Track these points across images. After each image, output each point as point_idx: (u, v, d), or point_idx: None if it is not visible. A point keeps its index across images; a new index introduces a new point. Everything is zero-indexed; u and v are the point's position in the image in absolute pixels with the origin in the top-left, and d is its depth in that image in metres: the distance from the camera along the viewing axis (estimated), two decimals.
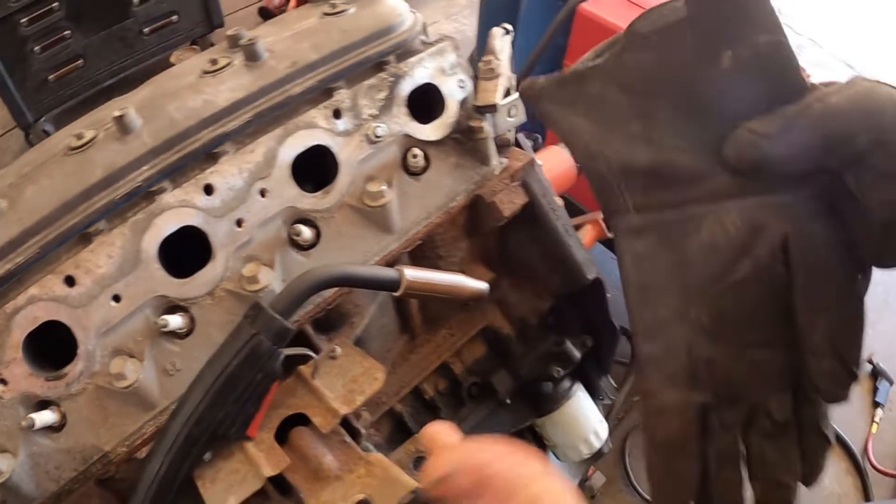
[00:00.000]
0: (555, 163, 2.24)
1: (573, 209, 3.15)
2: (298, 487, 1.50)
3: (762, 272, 0.99)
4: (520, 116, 1.84)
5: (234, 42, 1.67)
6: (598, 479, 2.38)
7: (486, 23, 3.79)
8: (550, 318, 2.03)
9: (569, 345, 1.98)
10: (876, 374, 4.17)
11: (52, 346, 1.48)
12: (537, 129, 3.45)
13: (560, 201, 1.92)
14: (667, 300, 1.03)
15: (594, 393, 2.16)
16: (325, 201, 1.62)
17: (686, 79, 1.03)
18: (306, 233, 1.59)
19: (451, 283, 1.63)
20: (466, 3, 6.78)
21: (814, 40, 5.87)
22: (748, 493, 1.12)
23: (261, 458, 1.47)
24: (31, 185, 1.51)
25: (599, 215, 2.20)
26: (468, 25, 7.12)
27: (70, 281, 1.46)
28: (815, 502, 3.44)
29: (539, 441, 2.18)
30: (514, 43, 1.91)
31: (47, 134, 4.83)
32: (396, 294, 1.56)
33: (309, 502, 1.48)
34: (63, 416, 1.45)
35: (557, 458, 2.21)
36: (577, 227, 2.09)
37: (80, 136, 1.53)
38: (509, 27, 1.92)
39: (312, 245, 1.62)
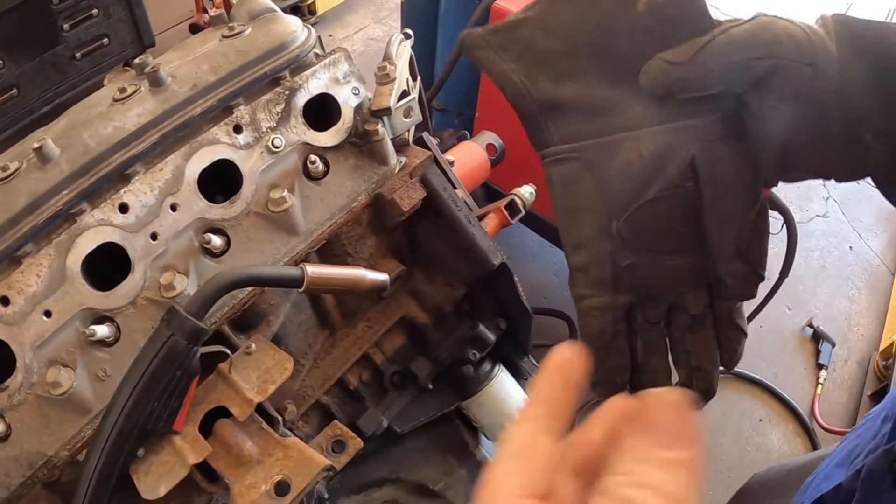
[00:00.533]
0: (469, 156, 2.46)
1: (495, 195, 3.36)
2: (223, 473, 1.73)
3: (673, 189, 1.10)
4: (415, 117, 2.06)
5: (140, 69, 1.87)
6: None
7: (409, 25, 4.03)
8: (465, 304, 2.27)
9: (482, 328, 2.20)
10: (817, 337, 4.47)
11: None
12: (465, 126, 3.67)
13: (462, 194, 2.12)
14: (590, 218, 1.13)
15: (517, 374, 2.36)
16: (231, 210, 1.83)
17: (608, 23, 1.13)
18: (216, 241, 1.80)
19: (351, 276, 1.84)
20: (396, 7, 7.01)
21: (717, 8, 6.09)
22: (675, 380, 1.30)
23: (186, 448, 1.69)
24: None
25: (504, 202, 2.39)
26: (398, 28, 7.39)
27: (5, 301, 1.68)
28: (764, 465, 3.63)
29: (468, 423, 2.38)
30: (432, 44, 2.09)
31: None
32: (301, 290, 1.77)
33: (234, 486, 1.70)
34: (8, 427, 1.67)
35: (487, 438, 2.43)
36: (481, 218, 2.29)
37: (4, 168, 1.75)
38: (409, 32, 2.12)
39: (224, 252, 1.84)
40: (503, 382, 2.35)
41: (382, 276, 1.96)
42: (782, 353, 4.34)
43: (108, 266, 1.80)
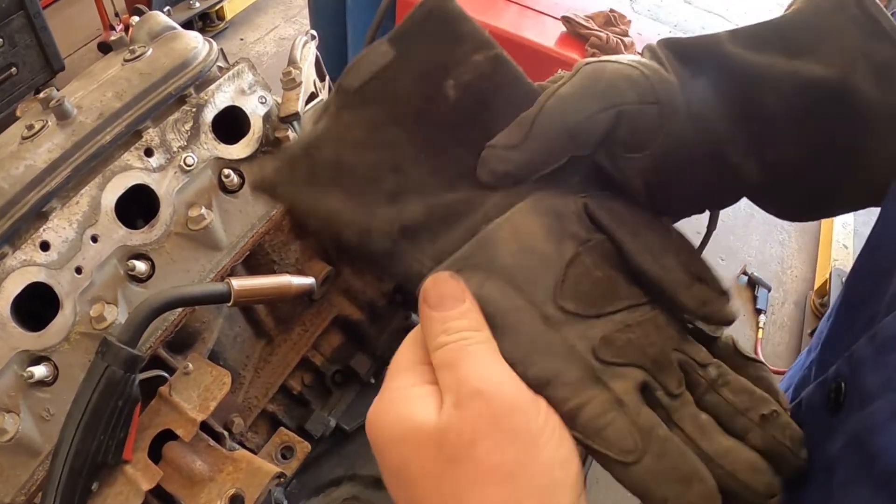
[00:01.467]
0: None
1: None
2: (177, 495, 1.81)
3: (586, 244, 0.97)
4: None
5: (45, 104, 1.93)
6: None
7: (317, 23, 4.07)
8: (398, 295, 2.34)
9: (415, 318, 2.27)
10: (753, 283, 4.70)
11: None
12: None
13: None
14: (525, 317, 0.93)
15: None
16: (152, 234, 1.92)
17: (418, 120, 1.03)
18: (140, 266, 1.88)
19: (277, 284, 1.93)
20: (304, 5, 7.07)
21: None
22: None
23: (138, 476, 1.77)
24: None
25: None
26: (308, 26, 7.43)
27: None
28: None
29: None
30: (343, 38, 2.16)
31: None
32: (230, 305, 1.85)
33: None
34: None
35: None
36: None
37: None
38: (314, 33, 2.20)
39: (149, 276, 1.92)
40: None
41: (308, 281, 2.03)
42: None
43: (36, 305, 1.88)
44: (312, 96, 2.12)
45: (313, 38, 2.23)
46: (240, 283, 1.90)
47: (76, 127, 1.90)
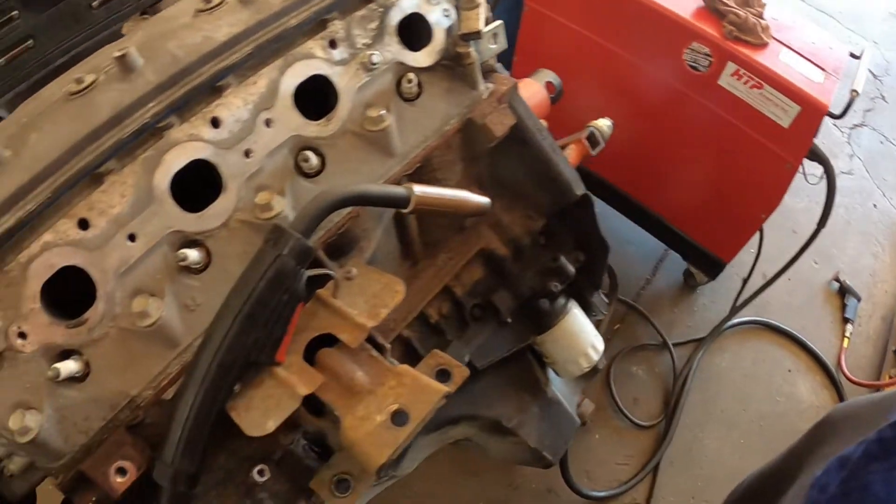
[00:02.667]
0: (530, 94, 2.14)
1: None
2: (333, 405, 1.40)
3: None
4: (501, 43, 1.76)
5: None
6: (587, 405, 2.33)
7: None
8: (541, 237, 1.97)
9: (563, 260, 1.91)
10: (843, 291, 4.01)
11: (66, 297, 1.35)
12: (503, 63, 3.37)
13: (544, 122, 1.85)
14: None
15: (588, 309, 2.10)
16: (328, 128, 1.52)
17: None
18: (313, 159, 1.49)
19: (456, 197, 1.55)
20: None
21: None
22: None
23: (293, 379, 1.36)
24: (34, 132, 1.37)
25: (583, 134, 2.14)
26: None
27: (84, 224, 1.32)
28: (795, 415, 3.41)
29: (539, 359, 2.12)
30: None
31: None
32: (406, 210, 1.47)
33: (345, 419, 1.38)
34: (87, 365, 1.33)
35: (558, 373, 2.15)
36: (563, 147, 2.03)
37: (79, 81, 1.40)
38: None
39: (318, 172, 1.52)
40: (576, 317, 2.05)
41: (485, 200, 1.61)
42: (810, 305, 3.94)
43: (194, 186, 1.52)
44: (487, 20, 1.78)
45: None
46: (421, 189, 1.50)
47: (261, 5, 1.46)
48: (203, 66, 1.40)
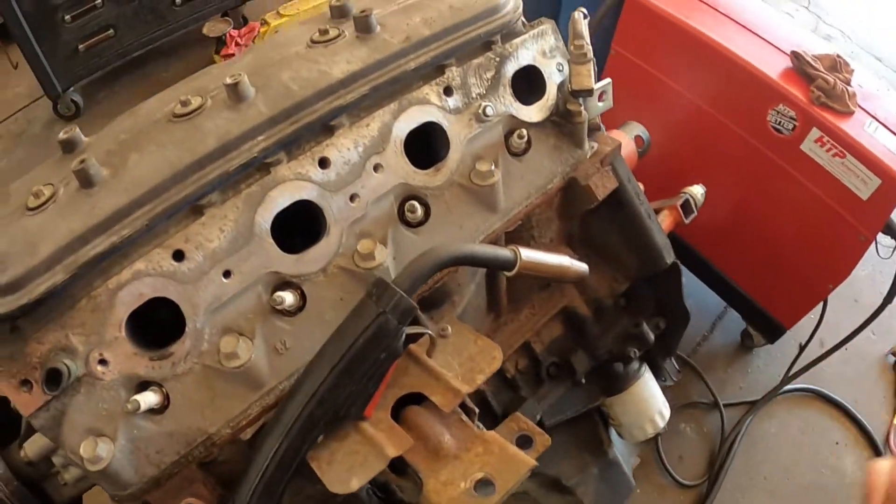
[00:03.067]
0: None
1: None
2: (417, 467, 1.26)
3: None
4: (608, 102, 1.63)
5: (340, 13, 1.44)
6: (633, 459, 2.19)
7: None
8: (622, 299, 1.83)
9: (645, 327, 1.77)
10: None
11: (149, 324, 1.24)
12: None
13: (641, 185, 1.72)
14: None
15: (658, 374, 1.96)
16: (436, 179, 1.38)
17: None
18: (418, 210, 1.35)
19: (559, 264, 1.41)
20: None
21: (843, 32, 5.54)
22: None
23: (382, 438, 1.22)
24: (134, 152, 1.24)
25: (678, 201, 2.00)
26: None
27: (179, 255, 1.20)
28: (838, 489, 3.21)
29: (604, 419, 1.99)
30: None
31: (76, 104, 4.52)
32: (509, 274, 1.35)
33: (428, 482, 1.24)
34: (166, 398, 1.21)
35: (621, 436, 1.99)
36: (656, 212, 1.90)
37: (185, 103, 1.28)
38: (585, 11, 1.72)
39: (422, 222, 1.39)
40: (647, 383, 1.91)
41: (584, 267, 1.45)
42: (864, 378, 3.60)
43: (291, 224, 1.41)
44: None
45: (585, 16, 1.75)
46: (527, 253, 1.39)
47: (380, 44, 1.33)
48: (317, 103, 1.28)
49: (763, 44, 2.49)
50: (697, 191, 2.07)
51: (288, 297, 1.25)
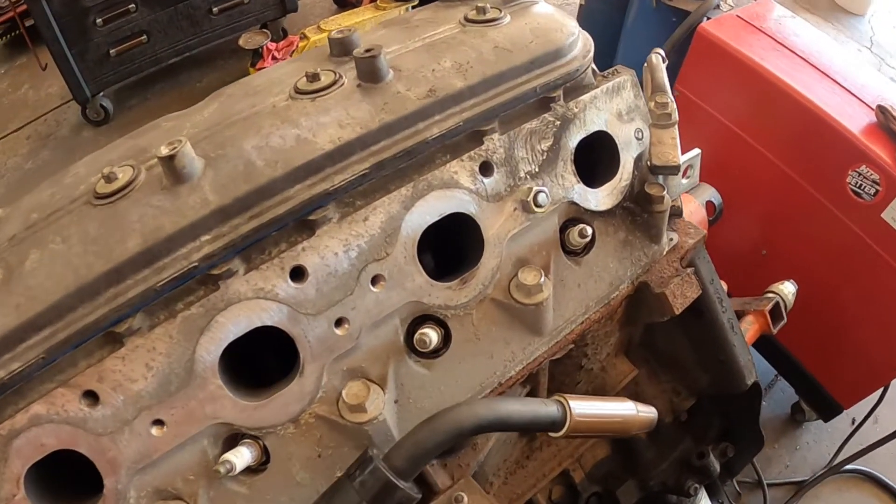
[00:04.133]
0: (687, 215, 1.42)
1: None
2: None
3: None
4: (694, 178, 1.12)
5: (341, 49, 0.93)
6: None
7: (587, 22, 2.88)
8: (683, 414, 1.31)
9: (712, 459, 1.25)
10: None
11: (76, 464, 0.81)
12: None
13: (725, 284, 1.18)
14: None
15: (714, 495, 1.43)
16: (461, 294, 0.87)
17: None
18: (433, 337, 0.85)
19: (620, 417, 0.90)
20: (572, 9, 4.90)
21: None
22: None
23: None
24: (36, 248, 0.79)
25: (766, 305, 1.45)
26: None
27: (91, 397, 0.78)
28: None
29: None
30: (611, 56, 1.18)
31: (105, 110, 3.95)
32: (557, 436, 0.84)
33: None
34: None
35: None
36: (738, 317, 1.35)
37: (110, 178, 0.80)
38: (663, 53, 1.17)
39: (437, 351, 0.88)
40: None
41: (653, 414, 0.97)
42: None
43: (253, 346, 0.91)
44: None
45: (664, 59, 1.21)
46: (579, 407, 0.88)
47: (390, 99, 0.84)
48: (291, 187, 0.79)
49: (845, 94, 1.93)
50: (788, 290, 1.52)
51: (240, 459, 0.79)
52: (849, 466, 2.58)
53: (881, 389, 2.22)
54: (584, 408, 0.84)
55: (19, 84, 4.32)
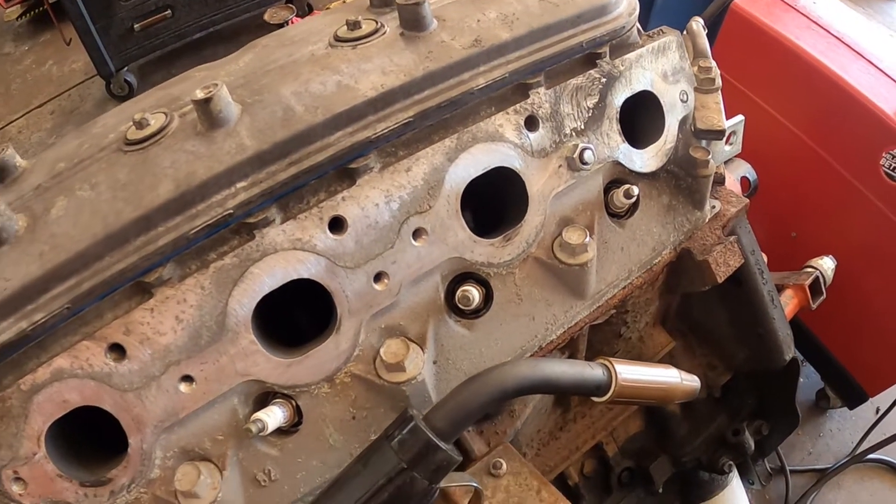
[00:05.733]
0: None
1: None
2: None
3: None
4: (737, 146, 1.06)
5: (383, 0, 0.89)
6: None
7: None
8: (718, 390, 1.26)
9: (747, 435, 1.20)
10: None
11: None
12: None
13: (765, 256, 1.13)
14: None
15: (745, 474, 1.39)
16: (504, 251, 0.82)
17: None
18: (475, 295, 0.80)
19: (664, 383, 0.84)
20: None
21: None
22: None
23: None
24: (63, 196, 0.74)
25: (806, 279, 1.39)
26: None
27: (118, 351, 0.73)
28: None
29: None
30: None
31: (129, 85, 3.88)
32: (601, 401, 0.79)
33: None
34: None
35: None
36: (778, 291, 1.30)
37: (141, 124, 0.75)
38: (703, 21, 1.13)
39: (478, 311, 0.84)
40: (734, 492, 1.32)
41: (696, 383, 0.90)
42: None
43: (289, 300, 0.87)
44: None
45: (705, 28, 1.15)
46: (625, 372, 0.83)
47: (435, 48, 0.78)
48: (331, 134, 0.73)
49: (880, 75, 1.85)
50: (828, 265, 1.46)
51: (272, 419, 0.73)
52: (872, 456, 2.50)
53: None
54: (630, 372, 0.78)
55: (43, 60, 4.28)
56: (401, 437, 0.68)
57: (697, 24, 1.10)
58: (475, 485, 0.76)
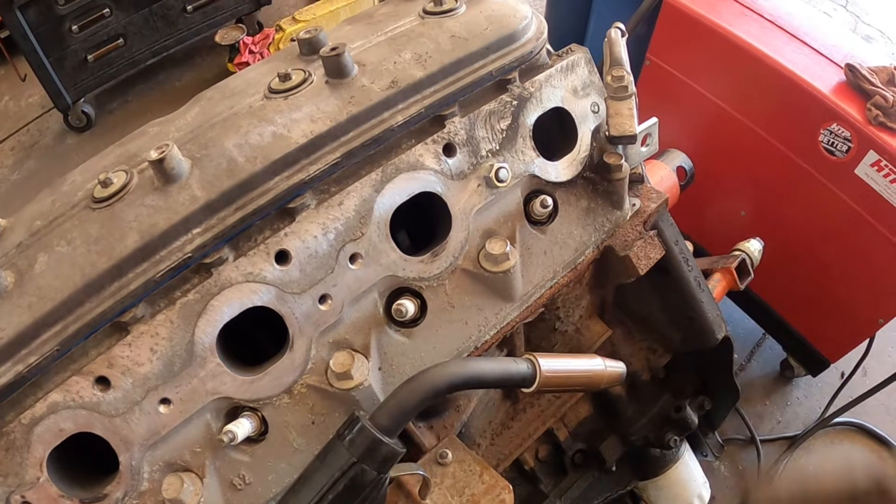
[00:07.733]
0: (656, 180, 1.58)
1: None
2: None
3: None
4: (653, 146, 1.22)
5: (309, 48, 1.03)
6: None
7: (556, 10, 2.93)
8: (661, 371, 1.42)
9: (689, 412, 1.37)
10: None
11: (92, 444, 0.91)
12: None
13: (689, 245, 1.29)
14: None
15: (698, 449, 1.55)
16: (433, 267, 0.99)
17: None
18: (409, 308, 0.96)
19: (588, 371, 1.01)
20: None
21: (883, 32, 4.90)
22: None
23: None
24: (43, 252, 0.90)
25: (732, 262, 1.57)
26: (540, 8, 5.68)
27: (103, 383, 0.89)
28: None
29: (636, 500, 1.58)
30: (582, 31, 1.28)
31: (87, 115, 4.03)
32: (528, 391, 0.95)
33: None
34: None
35: None
36: (707, 275, 1.46)
37: (106, 183, 0.91)
38: (623, 27, 1.27)
39: (415, 320, 1.00)
40: (687, 464, 1.50)
41: (621, 368, 1.06)
42: None
43: (255, 335, 1.03)
44: None
45: (623, 34, 1.30)
46: (548, 364, 0.99)
47: (356, 92, 0.94)
48: (271, 179, 0.90)
49: (814, 54, 2.03)
50: (754, 247, 1.63)
51: (242, 429, 0.90)
52: (840, 419, 2.70)
53: (867, 342, 2.34)
54: (553, 364, 0.95)
55: None
56: (350, 436, 0.84)
57: (616, 32, 1.25)
58: (423, 473, 0.92)
